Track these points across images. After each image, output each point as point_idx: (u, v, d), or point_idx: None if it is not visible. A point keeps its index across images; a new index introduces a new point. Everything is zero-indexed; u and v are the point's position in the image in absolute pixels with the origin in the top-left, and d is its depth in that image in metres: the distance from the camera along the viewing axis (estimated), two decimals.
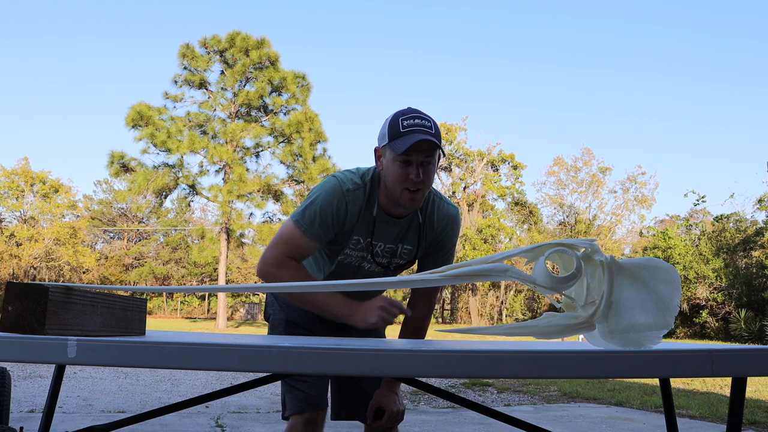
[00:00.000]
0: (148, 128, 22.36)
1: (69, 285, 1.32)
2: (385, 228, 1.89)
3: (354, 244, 1.89)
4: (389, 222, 1.89)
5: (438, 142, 1.75)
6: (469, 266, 1.31)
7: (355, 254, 1.91)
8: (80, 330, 1.31)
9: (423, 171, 1.76)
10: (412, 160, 1.74)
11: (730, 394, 1.30)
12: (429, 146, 1.73)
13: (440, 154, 1.82)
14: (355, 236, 1.88)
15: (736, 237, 23.71)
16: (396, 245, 1.92)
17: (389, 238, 1.91)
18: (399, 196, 1.79)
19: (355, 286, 1.60)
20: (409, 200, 1.79)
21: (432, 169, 1.79)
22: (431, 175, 1.79)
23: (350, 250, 1.91)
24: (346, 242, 1.89)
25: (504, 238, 34.44)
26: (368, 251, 1.90)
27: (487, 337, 13.20)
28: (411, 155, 1.73)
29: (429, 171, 1.78)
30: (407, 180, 1.75)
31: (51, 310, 1.22)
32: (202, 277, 43.06)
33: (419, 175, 1.75)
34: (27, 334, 1.20)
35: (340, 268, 1.97)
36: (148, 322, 1.62)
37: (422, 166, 1.75)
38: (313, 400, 1.98)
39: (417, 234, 1.91)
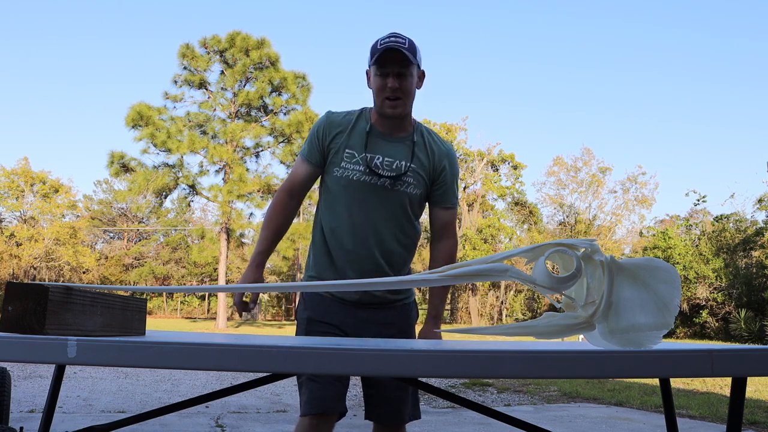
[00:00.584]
0: (148, 128, 22.35)
1: (69, 285, 1.31)
2: (380, 143, 2.04)
3: (348, 157, 2.04)
4: (383, 138, 2.05)
5: (412, 55, 1.96)
6: (469, 266, 1.31)
7: (351, 167, 2.03)
8: (80, 330, 1.31)
9: (400, 81, 1.97)
10: (388, 72, 1.97)
11: (730, 394, 1.30)
12: (400, 56, 1.94)
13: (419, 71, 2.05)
14: (349, 150, 2.04)
15: (736, 237, 23.70)
16: (394, 160, 2.04)
17: (387, 152, 2.04)
18: (381, 106, 2.01)
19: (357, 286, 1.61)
20: (390, 108, 1.99)
21: (410, 80, 2.00)
22: (409, 86, 2.00)
23: (346, 163, 2.04)
24: (340, 156, 2.04)
25: (504, 238, 34.43)
26: (365, 164, 2.02)
27: (487, 337, 13.20)
28: (387, 67, 1.96)
29: (406, 81, 1.99)
30: (385, 89, 1.97)
31: (51, 310, 1.22)
32: (202, 277, 43.05)
33: (395, 83, 1.96)
34: (27, 334, 1.20)
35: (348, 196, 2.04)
36: (148, 322, 1.62)
37: (399, 77, 1.97)
38: (322, 402, 1.98)
39: (411, 150, 2.06)
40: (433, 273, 1.33)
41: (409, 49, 1.97)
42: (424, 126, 2.14)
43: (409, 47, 1.97)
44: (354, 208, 2.04)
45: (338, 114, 2.10)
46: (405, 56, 1.95)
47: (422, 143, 2.09)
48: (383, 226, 2.05)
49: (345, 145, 2.04)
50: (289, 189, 2.12)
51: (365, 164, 2.02)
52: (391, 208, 2.05)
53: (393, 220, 2.07)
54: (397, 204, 2.06)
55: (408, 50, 1.96)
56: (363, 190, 2.04)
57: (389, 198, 2.05)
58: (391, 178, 2.03)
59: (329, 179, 2.08)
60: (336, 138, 2.05)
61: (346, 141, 2.05)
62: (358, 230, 2.04)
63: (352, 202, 2.04)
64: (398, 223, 2.08)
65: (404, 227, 2.10)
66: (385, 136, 2.06)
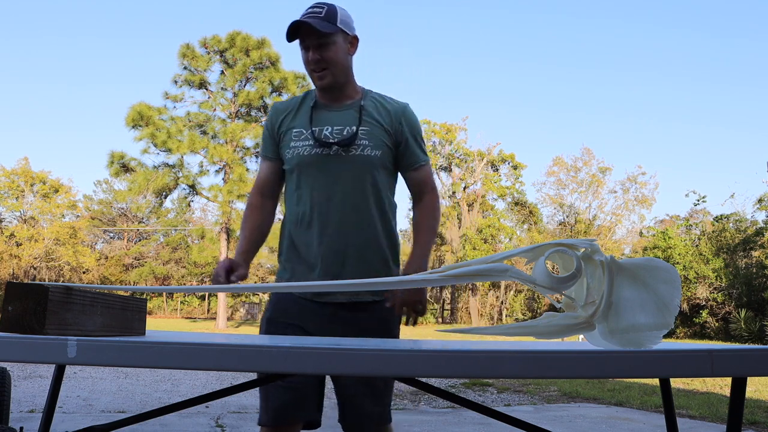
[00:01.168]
0: (149, 128, 22.35)
1: (69, 285, 1.31)
2: (326, 115, 1.99)
3: (297, 135, 1.98)
4: (329, 109, 2.00)
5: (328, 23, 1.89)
6: (469, 266, 1.31)
7: (300, 144, 1.97)
8: (80, 330, 1.31)
9: (321, 52, 1.91)
10: (307, 45, 1.92)
11: (730, 394, 1.30)
12: (309, 30, 1.88)
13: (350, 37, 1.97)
14: (296, 129, 1.99)
15: (736, 237, 23.70)
16: (344, 127, 1.96)
17: (334, 122, 1.97)
18: (312, 80, 1.97)
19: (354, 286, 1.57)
20: (318, 79, 1.95)
21: (333, 48, 1.92)
22: (333, 54, 1.93)
23: (295, 142, 1.98)
24: (289, 137, 1.99)
25: (504, 238, 34.44)
26: (313, 137, 1.95)
27: (487, 337, 13.20)
28: (305, 41, 1.92)
29: (329, 50, 1.92)
30: (308, 62, 1.94)
31: (51, 310, 1.22)
32: (202, 277, 43.03)
33: (315, 55, 1.91)
34: (27, 334, 1.20)
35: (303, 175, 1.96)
36: (148, 322, 1.62)
37: (320, 48, 1.91)
38: (278, 412, 1.89)
39: (359, 113, 1.98)
40: (433, 273, 1.33)
41: (325, 17, 1.90)
42: (375, 92, 2.07)
43: (325, 15, 1.90)
44: (312, 185, 1.95)
45: (283, 102, 2.08)
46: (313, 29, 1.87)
47: (372, 106, 2.00)
48: (347, 197, 1.94)
49: (292, 126, 2.00)
50: (258, 188, 2.08)
51: (313, 138, 1.95)
52: (351, 177, 1.94)
53: (358, 190, 1.95)
54: (357, 171, 1.95)
55: (324, 19, 1.89)
56: (316, 164, 1.95)
57: (346, 166, 1.94)
58: (342, 144, 1.93)
59: (285, 165, 2.02)
60: (283, 123, 2.02)
61: (292, 122, 2.01)
62: (321, 207, 1.94)
63: (308, 179, 1.96)
64: (363, 191, 1.95)
65: (376, 194, 1.98)
66: (330, 107, 1.99)
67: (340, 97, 2.00)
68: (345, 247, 1.93)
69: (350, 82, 2.01)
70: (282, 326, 1.95)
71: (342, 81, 1.98)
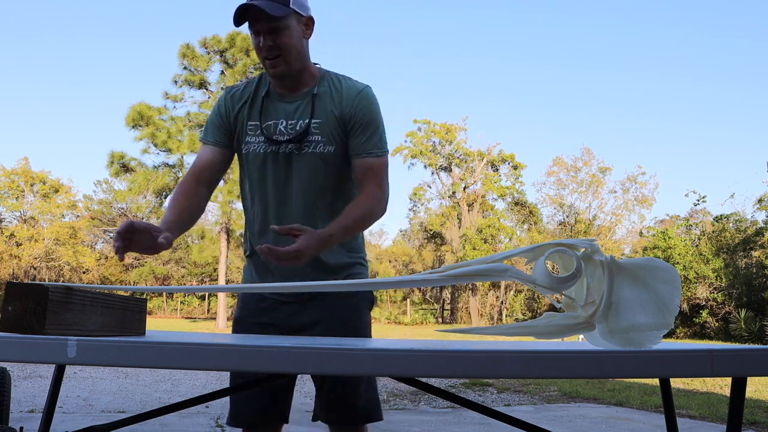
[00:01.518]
0: (149, 128, 22.36)
1: (69, 285, 1.31)
2: (279, 106, 1.85)
3: (252, 130, 1.86)
4: (282, 100, 1.85)
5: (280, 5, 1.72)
6: (469, 266, 1.31)
7: (254, 140, 1.85)
8: (80, 330, 1.31)
9: (273, 38, 1.75)
10: (259, 29, 1.75)
11: (730, 394, 1.30)
12: (259, 13, 1.71)
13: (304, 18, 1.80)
14: (251, 122, 1.86)
15: (736, 237, 23.70)
16: (297, 121, 1.82)
17: (287, 115, 1.83)
18: (265, 67, 1.81)
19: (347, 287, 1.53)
20: (271, 68, 1.79)
21: (287, 33, 1.76)
22: (287, 40, 1.76)
23: (250, 137, 1.86)
24: (245, 132, 1.87)
25: (504, 238, 34.44)
26: (263, 135, 1.83)
27: (487, 337, 13.21)
28: (255, 25, 1.75)
29: (282, 36, 1.75)
30: (260, 49, 1.78)
31: (51, 310, 1.22)
32: (202, 277, 43.04)
33: (267, 41, 1.75)
34: (27, 334, 1.20)
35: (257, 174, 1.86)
36: (148, 322, 1.62)
37: (272, 33, 1.74)
38: (245, 417, 1.89)
39: (311, 104, 1.82)
40: (433, 273, 1.33)
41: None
42: (333, 73, 1.90)
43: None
44: (265, 185, 1.85)
45: (238, 86, 1.93)
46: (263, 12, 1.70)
47: (327, 93, 1.84)
48: (301, 198, 1.82)
49: (248, 118, 1.87)
50: (194, 173, 1.91)
51: (264, 135, 1.83)
52: (306, 176, 1.82)
53: (311, 190, 1.83)
54: (311, 170, 1.82)
55: (274, 0, 1.72)
56: (269, 164, 1.84)
57: (301, 165, 1.82)
58: (294, 142, 1.80)
59: (240, 160, 1.92)
60: (240, 113, 1.88)
61: (248, 113, 1.87)
62: (276, 207, 1.84)
63: (262, 179, 1.86)
64: (319, 192, 1.83)
65: (327, 195, 1.85)
66: (285, 98, 1.86)
67: (295, 85, 1.85)
68: None
69: (306, 67, 1.85)
70: (250, 325, 1.91)
71: (297, 68, 1.82)
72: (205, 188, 1.92)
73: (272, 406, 1.91)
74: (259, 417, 1.91)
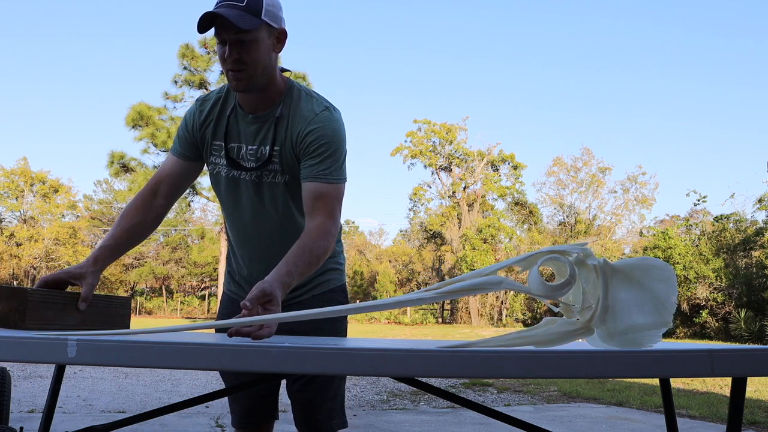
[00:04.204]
0: (149, 128, 22.36)
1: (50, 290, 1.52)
2: (242, 127, 1.74)
3: (217, 150, 1.77)
4: (246, 120, 1.74)
5: (251, 16, 1.57)
6: (463, 281, 1.31)
7: (220, 162, 1.76)
8: (61, 325, 1.50)
9: (241, 50, 1.60)
10: (225, 39, 1.59)
11: (730, 394, 1.30)
12: (226, 23, 1.55)
13: (276, 30, 1.66)
14: (216, 141, 1.77)
15: (736, 237, 23.68)
16: (258, 147, 1.72)
17: (249, 139, 1.73)
18: (228, 79, 1.66)
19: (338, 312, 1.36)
20: (233, 80, 1.64)
21: (255, 46, 1.61)
22: (254, 54, 1.61)
23: (215, 158, 1.78)
24: (210, 150, 1.78)
25: (504, 238, 34.43)
26: (227, 158, 1.73)
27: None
28: (222, 34, 1.59)
29: (251, 49, 1.60)
30: (225, 60, 1.62)
31: (31, 308, 1.42)
32: (202, 277, 43.07)
33: (233, 53, 1.60)
34: (10, 328, 1.41)
35: (225, 197, 1.80)
36: (148, 322, 1.65)
37: (239, 45, 1.59)
38: (248, 414, 1.95)
39: (273, 129, 1.70)
40: (428, 290, 1.33)
41: (246, 7, 1.57)
42: (299, 89, 1.76)
43: (247, 4, 1.57)
44: (232, 208, 1.79)
45: (209, 99, 1.81)
46: (229, 22, 1.54)
47: (287, 115, 1.71)
48: (267, 228, 1.77)
49: (213, 137, 1.77)
50: (153, 185, 1.80)
51: (227, 158, 1.74)
52: (271, 205, 1.75)
53: (276, 220, 1.76)
54: (277, 197, 1.74)
55: (244, 10, 1.56)
56: (234, 188, 1.76)
57: (261, 194, 1.74)
58: (255, 169, 1.71)
59: (210, 177, 1.84)
60: (206, 129, 1.78)
61: (214, 131, 1.77)
62: (241, 232, 1.81)
63: (227, 201, 1.80)
64: (284, 222, 1.77)
65: (296, 220, 1.76)
66: (247, 118, 1.73)
67: (259, 101, 1.72)
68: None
69: (272, 83, 1.71)
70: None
71: (261, 84, 1.68)
72: (164, 200, 1.81)
73: (260, 405, 1.96)
74: (247, 416, 1.96)
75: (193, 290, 46.50)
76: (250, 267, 1.86)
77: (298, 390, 1.89)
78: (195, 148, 1.81)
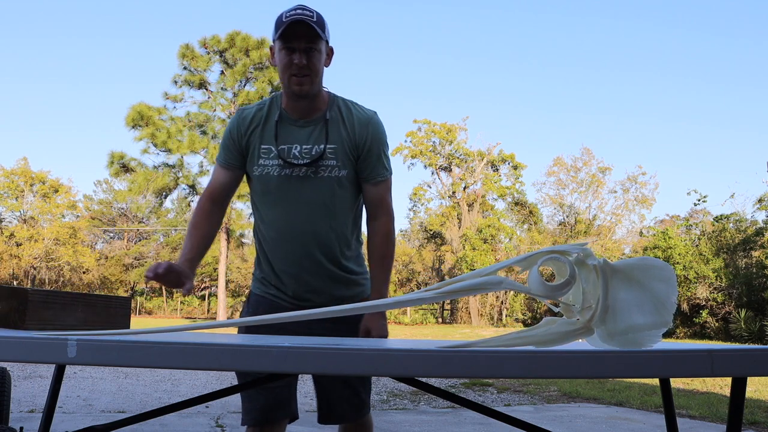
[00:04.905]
0: (149, 128, 22.36)
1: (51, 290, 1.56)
2: (293, 131, 1.94)
3: (266, 153, 1.94)
4: (296, 124, 1.95)
5: (319, 30, 1.84)
6: (463, 281, 1.31)
7: (269, 163, 1.94)
8: (61, 325, 1.51)
9: (307, 57, 1.85)
10: (294, 47, 1.84)
11: (730, 394, 1.30)
12: (307, 31, 1.83)
13: (328, 47, 1.94)
14: (265, 146, 1.95)
15: (736, 237, 23.68)
16: (312, 146, 1.93)
17: (301, 139, 1.93)
18: (288, 84, 1.88)
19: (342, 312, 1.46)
20: (296, 85, 1.87)
21: (318, 56, 1.87)
22: (317, 62, 1.88)
23: (264, 160, 1.94)
24: (257, 154, 1.96)
25: (504, 238, 34.43)
26: (280, 157, 1.92)
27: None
28: (292, 42, 1.84)
29: (314, 57, 1.86)
30: (292, 66, 1.85)
31: (31, 309, 1.43)
32: (202, 277, 43.03)
33: (302, 60, 1.84)
34: (11, 328, 1.40)
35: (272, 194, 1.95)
36: (148, 322, 1.65)
37: (306, 53, 1.85)
38: (265, 412, 1.96)
39: (325, 129, 1.93)
40: (428, 291, 1.33)
41: (317, 23, 1.85)
42: (341, 99, 2.01)
43: (317, 21, 1.85)
44: (280, 205, 1.95)
45: (250, 109, 2.01)
46: (313, 30, 1.83)
47: (338, 118, 1.96)
48: (315, 218, 1.94)
49: (260, 141, 1.96)
50: (209, 195, 2.03)
51: (280, 158, 1.92)
52: (320, 197, 1.94)
53: (325, 211, 1.95)
54: (325, 193, 1.94)
55: (316, 24, 1.84)
56: (285, 185, 1.94)
57: (315, 188, 1.93)
58: (309, 165, 1.91)
59: (253, 180, 2.00)
60: (252, 136, 1.96)
61: (261, 136, 1.96)
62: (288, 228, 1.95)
63: (277, 199, 1.95)
64: (331, 213, 1.96)
65: (338, 216, 1.97)
66: (298, 122, 1.95)
67: (309, 109, 1.95)
68: (307, 272, 1.95)
69: (320, 92, 1.96)
70: (260, 329, 1.98)
71: (315, 90, 1.92)
72: (219, 208, 2.04)
73: (276, 404, 1.97)
74: (265, 414, 1.96)
75: (193, 290, 46.43)
76: (289, 260, 1.97)
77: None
78: (240, 155, 1.99)
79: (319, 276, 1.96)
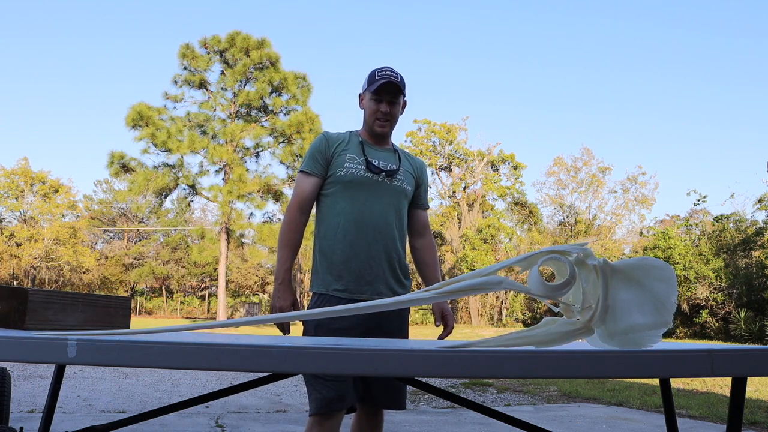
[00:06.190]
0: (149, 128, 22.35)
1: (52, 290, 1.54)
2: (373, 151, 2.42)
3: (351, 160, 2.37)
4: (374, 147, 2.44)
5: (402, 88, 2.38)
6: (463, 281, 1.31)
7: (354, 166, 2.36)
8: (61, 325, 1.52)
9: (390, 107, 2.39)
10: (382, 99, 2.37)
11: (730, 394, 1.30)
12: (394, 89, 2.36)
13: (404, 101, 2.47)
14: (350, 154, 2.38)
15: (736, 237, 23.67)
16: (387, 162, 2.42)
17: (380, 157, 2.42)
18: (372, 125, 2.41)
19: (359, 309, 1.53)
20: (380, 127, 2.40)
21: (397, 108, 2.42)
22: (396, 112, 2.43)
23: (349, 164, 2.36)
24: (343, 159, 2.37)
25: (504, 238, 34.44)
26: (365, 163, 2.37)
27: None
28: (381, 94, 2.36)
29: (395, 108, 2.41)
30: (378, 112, 2.38)
31: (31, 309, 1.44)
32: (202, 277, 43.06)
33: (387, 108, 2.38)
34: (10, 329, 1.39)
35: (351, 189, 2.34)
36: (148, 322, 1.65)
37: (390, 104, 2.38)
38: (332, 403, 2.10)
39: (397, 156, 2.48)
40: (428, 291, 1.34)
41: (401, 82, 2.38)
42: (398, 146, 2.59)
43: (401, 81, 2.38)
44: (358, 198, 2.34)
45: (333, 134, 2.46)
46: (399, 89, 2.36)
47: (403, 155, 2.52)
48: (384, 213, 2.36)
49: (346, 152, 2.39)
50: (299, 206, 2.36)
51: (366, 163, 2.37)
52: (390, 199, 2.39)
53: (392, 210, 2.39)
54: (394, 196, 2.40)
55: (400, 83, 2.36)
56: (365, 184, 2.36)
57: (388, 191, 2.38)
58: (388, 173, 2.39)
59: (332, 180, 2.37)
60: (338, 148, 2.40)
61: (345, 149, 2.40)
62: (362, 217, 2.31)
63: (355, 194, 2.34)
64: (396, 212, 2.41)
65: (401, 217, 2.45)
66: (375, 147, 2.45)
67: (383, 142, 2.46)
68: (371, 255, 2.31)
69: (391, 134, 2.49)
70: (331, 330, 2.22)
71: (390, 132, 2.46)
72: (306, 217, 2.40)
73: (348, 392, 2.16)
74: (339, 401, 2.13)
75: (193, 290, 46.51)
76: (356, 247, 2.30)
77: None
78: (326, 164, 2.38)
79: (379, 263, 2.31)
